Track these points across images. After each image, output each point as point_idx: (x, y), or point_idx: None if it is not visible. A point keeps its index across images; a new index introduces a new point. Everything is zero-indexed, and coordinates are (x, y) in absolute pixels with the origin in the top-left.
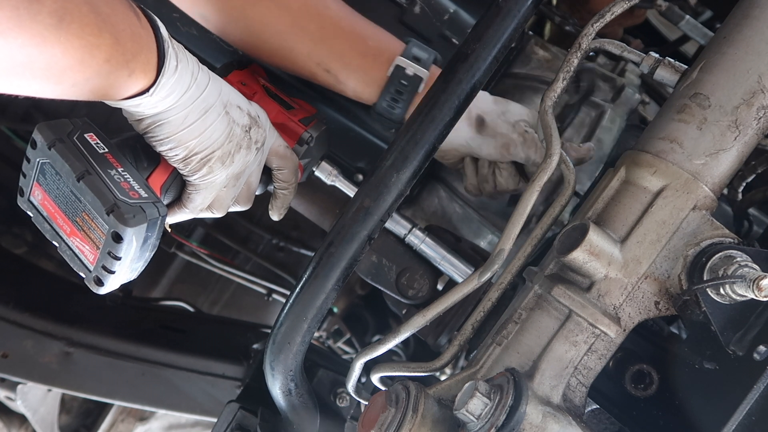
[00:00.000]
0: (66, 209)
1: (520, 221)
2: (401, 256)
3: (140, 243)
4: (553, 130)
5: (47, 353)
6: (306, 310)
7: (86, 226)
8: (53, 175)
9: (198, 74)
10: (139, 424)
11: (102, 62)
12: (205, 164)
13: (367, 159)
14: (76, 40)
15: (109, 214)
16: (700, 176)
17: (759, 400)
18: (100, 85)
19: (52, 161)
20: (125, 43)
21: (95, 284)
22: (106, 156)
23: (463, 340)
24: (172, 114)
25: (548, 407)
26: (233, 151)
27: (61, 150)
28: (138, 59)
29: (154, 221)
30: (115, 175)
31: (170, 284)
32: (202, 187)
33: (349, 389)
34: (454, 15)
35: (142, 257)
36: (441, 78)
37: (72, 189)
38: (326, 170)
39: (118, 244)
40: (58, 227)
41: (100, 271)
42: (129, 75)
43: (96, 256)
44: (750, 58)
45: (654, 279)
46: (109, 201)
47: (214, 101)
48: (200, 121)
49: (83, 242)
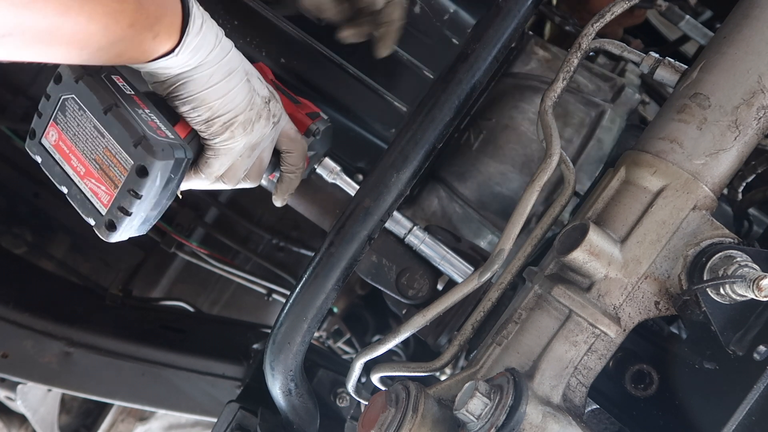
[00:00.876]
0: (84, 147)
1: (520, 221)
2: (401, 256)
3: (163, 183)
4: (553, 130)
5: (47, 353)
6: (306, 310)
7: (105, 164)
8: (76, 110)
9: (223, 38)
10: (139, 424)
11: (126, 27)
12: (227, 128)
13: (367, 159)
14: (100, 7)
15: (137, 146)
16: (700, 176)
17: (759, 400)
18: (125, 49)
19: (78, 95)
20: (148, 7)
21: (106, 229)
22: (133, 97)
23: (463, 340)
24: (197, 72)
25: (548, 407)
26: (254, 120)
27: (89, 82)
28: (162, 22)
29: (180, 161)
30: (143, 114)
31: (170, 284)
32: (221, 152)
33: (349, 389)
34: (454, 15)
35: (159, 203)
36: (441, 78)
37: (97, 123)
38: (329, 167)
39: (142, 179)
40: (70, 169)
41: (115, 213)
42: (153, 38)
43: (112, 197)
44: (750, 58)
45: (654, 279)
46: (137, 133)
47: (238, 66)
48: (224, 81)
49: (99, 183)
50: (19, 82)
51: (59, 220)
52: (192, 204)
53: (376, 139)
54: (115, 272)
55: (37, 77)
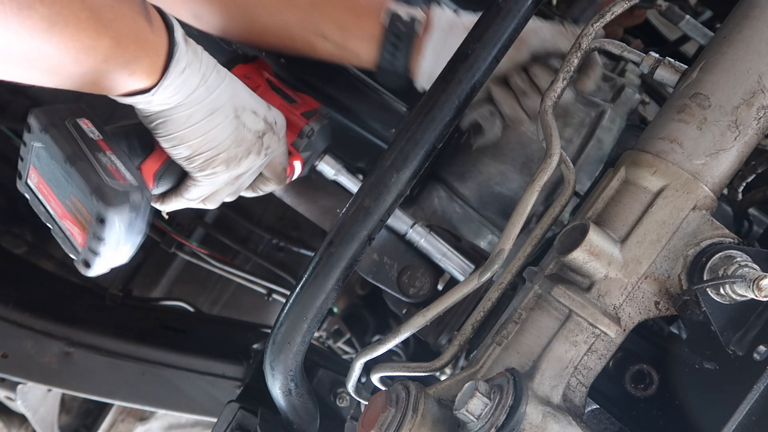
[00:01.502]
0: (57, 192)
1: (520, 221)
2: (402, 254)
3: (125, 226)
4: (553, 129)
5: (47, 353)
6: (306, 310)
7: (75, 209)
8: (46, 158)
9: (210, 76)
10: (139, 424)
11: (99, 62)
12: (209, 165)
13: (367, 159)
14: (70, 42)
15: (92, 195)
16: (700, 176)
17: (759, 400)
18: (97, 80)
19: (46, 145)
20: (127, 47)
21: (83, 266)
22: (98, 142)
23: (463, 340)
24: (176, 112)
25: (548, 407)
26: (241, 156)
27: (54, 134)
28: (140, 61)
29: (137, 206)
30: (105, 160)
31: (170, 284)
32: (202, 184)
33: (349, 389)
34: None
35: (128, 241)
36: (441, 78)
37: (62, 172)
38: (330, 164)
39: (101, 225)
40: (51, 210)
41: (88, 253)
42: (130, 75)
43: (84, 238)
44: (750, 58)
45: (654, 279)
46: (93, 183)
47: (224, 103)
48: (205, 121)
49: (73, 224)
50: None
51: None
52: None
53: (376, 139)
54: (115, 272)
55: None
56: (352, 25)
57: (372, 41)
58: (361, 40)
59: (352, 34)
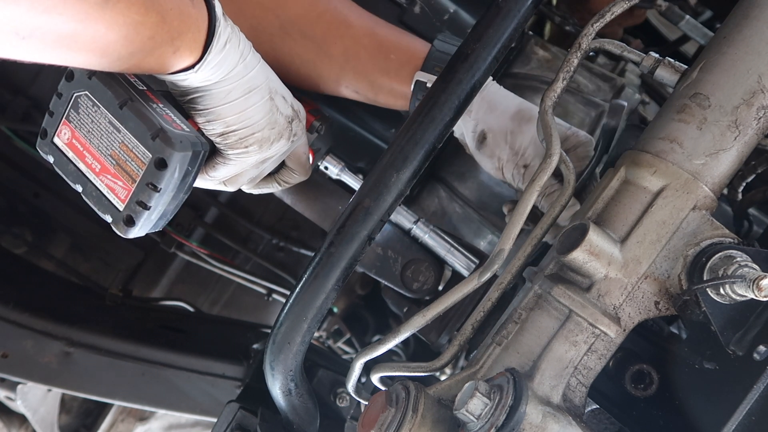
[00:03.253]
0: (100, 143)
1: (520, 221)
2: (407, 247)
3: (181, 175)
4: (553, 130)
5: (47, 353)
6: (306, 310)
7: (122, 159)
8: (89, 107)
9: (248, 56)
10: (139, 424)
11: (146, 39)
12: (242, 144)
13: (367, 159)
14: (121, 17)
15: (155, 138)
16: (700, 176)
17: (759, 400)
18: (144, 60)
19: (92, 91)
20: (171, 22)
21: (125, 225)
22: (146, 92)
23: (463, 340)
24: (216, 87)
25: (548, 407)
26: (273, 139)
27: (103, 78)
28: (184, 37)
29: (198, 154)
30: (158, 108)
31: (170, 284)
32: (232, 162)
33: (349, 389)
34: (454, 15)
35: (177, 197)
36: (441, 78)
37: (112, 118)
38: (332, 163)
39: (161, 171)
40: (85, 167)
41: (134, 207)
42: (174, 52)
43: (129, 192)
44: (750, 58)
45: (654, 279)
46: (154, 126)
47: (260, 83)
48: (243, 99)
49: (115, 179)
50: (19, 82)
51: (59, 220)
52: (192, 204)
53: (376, 139)
54: (115, 272)
55: (37, 77)
56: (383, 84)
57: (402, 98)
58: (391, 97)
59: (383, 92)
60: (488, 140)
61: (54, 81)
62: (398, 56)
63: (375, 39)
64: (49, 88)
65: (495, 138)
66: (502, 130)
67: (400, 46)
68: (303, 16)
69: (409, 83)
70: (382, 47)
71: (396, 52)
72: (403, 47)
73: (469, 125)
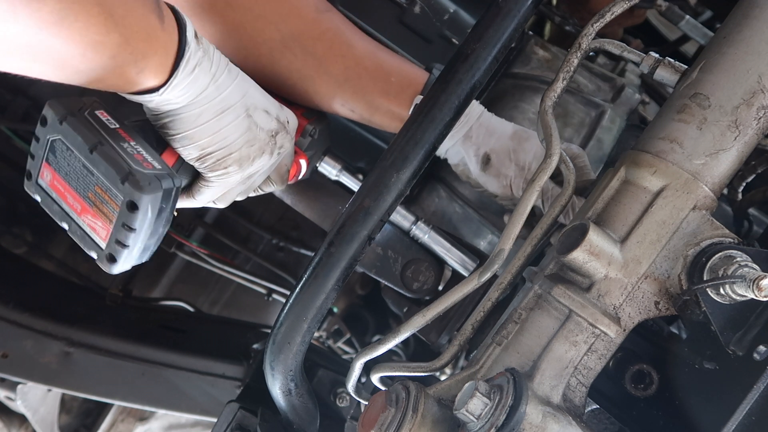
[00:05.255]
0: (77, 185)
1: (520, 221)
2: (407, 247)
3: (155, 213)
4: (553, 130)
5: (47, 353)
6: (306, 310)
7: (99, 200)
8: (64, 151)
9: (221, 76)
10: (139, 424)
11: (107, 58)
12: (221, 165)
13: (367, 159)
14: (79, 36)
15: (124, 182)
16: (700, 176)
17: (759, 400)
18: (105, 77)
19: (64, 136)
20: (136, 44)
21: (108, 262)
22: (118, 131)
23: (463, 340)
24: (185, 111)
25: (548, 407)
26: (254, 156)
27: (73, 123)
28: (149, 59)
29: (169, 191)
30: (128, 147)
31: (170, 284)
32: (215, 184)
33: (349, 389)
34: (454, 15)
35: (156, 232)
36: (441, 78)
37: (84, 162)
38: (330, 165)
39: (132, 213)
40: (68, 207)
41: (114, 246)
42: (138, 73)
43: (108, 231)
44: (750, 58)
45: (654, 279)
46: (123, 170)
47: (235, 102)
48: (215, 120)
49: (95, 218)
50: (19, 82)
51: None
52: None
53: (376, 139)
54: None
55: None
56: (380, 105)
57: (399, 120)
58: (387, 118)
59: (380, 112)
60: (493, 161)
61: (54, 82)
62: (399, 80)
63: (376, 61)
64: (49, 88)
65: (499, 158)
66: (505, 150)
67: (401, 71)
68: (305, 32)
69: (408, 106)
70: (383, 70)
71: (396, 76)
72: (404, 72)
73: (471, 149)
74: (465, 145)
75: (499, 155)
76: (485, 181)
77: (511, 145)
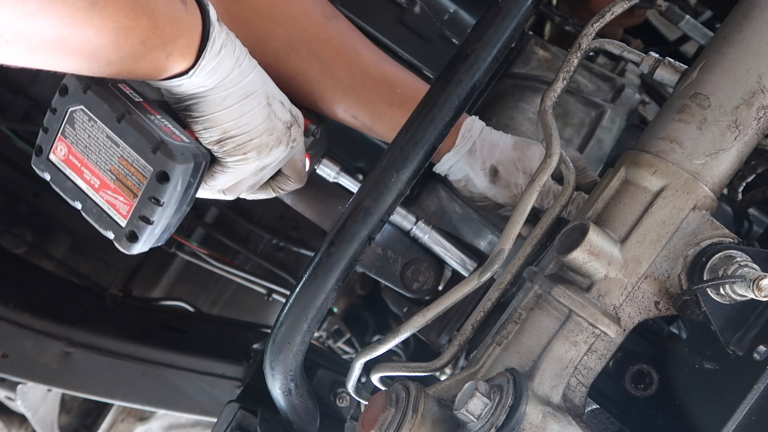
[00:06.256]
0: (98, 158)
1: (520, 221)
2: (407, 248)
3: (184, 187)
4: (553, 130)
5: (47, 353)
6: (306, 310)
7: (122, 173)
8: (85, 122)
9: (244, 61)
10: (139, 424)
11: (137, 44)
12: (241, 150)
13: (367, 159)
14: (109, 22)
15: (156, 151)
16: (700, 176)
17: (759, 400)
18: (136, 64)
19: (87, 105)
20: (163, 27)
21: (128, 241)
22: (143, 104)
23: (463, 340)
24: (211, 93)
25: (548, 407)
26: (272, 145)
27: (98, 92)
28: (177, 42)
29: (199, 165)
30: (155, 120)
31: (170, 284)
32: (231, 170)
33: (349, 389)
34: (454, 15)
35: (180, 209)
36: (441, 78)
37: (110, 132)
38: (329, 167)
39: (163, 185)
40: (83, 183)
41: (136, 222)
42: (167, 57)
43: (131, 207)
44: (750, 58)
45: (654, 279)
46: (154, 138)
47: (257, 89)
48: (239, 105)
49: (116, 194)
50: (19, 82)
51: (59, 220)
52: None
53: (376, 139)
54: (115, 272)
55: (37, 77)
56: (384, 115)
57: (398, 129)
58: (390, 128)
59: (383, 122)
60: (501, 172)
61: (54, 82)
62: (404, 91)
63: (382, 71)
64: (50, 88)
65: (506, 168)
66: (510, 160)
67: (406, 82)
68: (313, 36)
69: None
70: (389, 80)
71: (402, 86)
72: (409, 84)
73: (477, 164)
74: (470, 161)
75: (506, 166)
76: (495, 194)
77: (516, 155)
